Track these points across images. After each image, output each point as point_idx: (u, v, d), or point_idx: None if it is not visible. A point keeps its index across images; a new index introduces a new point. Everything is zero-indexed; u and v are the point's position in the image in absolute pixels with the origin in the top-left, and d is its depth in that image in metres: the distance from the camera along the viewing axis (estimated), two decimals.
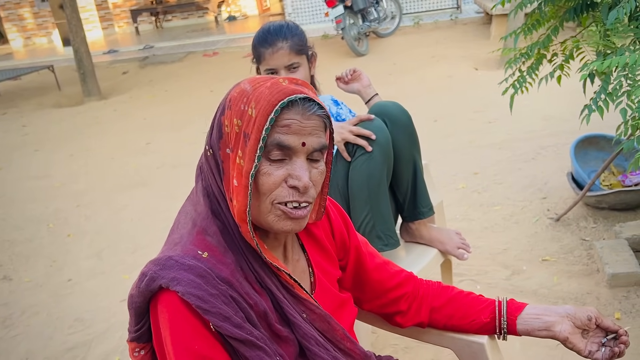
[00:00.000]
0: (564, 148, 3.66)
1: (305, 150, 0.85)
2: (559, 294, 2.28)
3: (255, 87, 0.85)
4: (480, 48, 7.15)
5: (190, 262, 0.83)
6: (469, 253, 1.82)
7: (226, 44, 10.38)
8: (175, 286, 0.81)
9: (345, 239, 1.11)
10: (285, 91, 0.83)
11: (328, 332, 0.95)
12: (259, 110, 0.82)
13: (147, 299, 0.85)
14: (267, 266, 0.91)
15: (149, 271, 0.84)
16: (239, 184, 0.84)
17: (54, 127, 6.48)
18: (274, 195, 0.86)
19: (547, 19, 2.35)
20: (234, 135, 0.85)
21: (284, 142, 0.83)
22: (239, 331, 0.81)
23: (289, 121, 0.83)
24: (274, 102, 0.82)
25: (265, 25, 1.78)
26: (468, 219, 2.99)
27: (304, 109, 0.84)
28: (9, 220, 3.88)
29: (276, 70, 1.73)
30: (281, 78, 0.87)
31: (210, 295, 0.81)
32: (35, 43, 14.55)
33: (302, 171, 0.85)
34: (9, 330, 2.60)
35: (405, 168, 1.72)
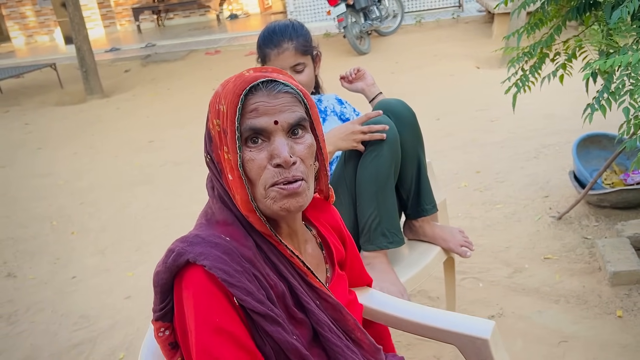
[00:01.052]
0: (566, 147, 3.67)
1: (280, 128, 0.88)
2: (560, 292, 2.30)
3: (224, 86, 0.90)
4: (482, 47, 7.16)
5: (217, 240, 0.87)
6: (472, 251, 1.83)
7: (228, 42, 10.39)
8: (203, 260, 0.84)
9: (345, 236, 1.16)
10: (247, 79, 0.88)
11: (340, 322, 0.98)
12: (227, 104, 0.87)
13: (173, 275, 0.88)
14: (282, 255, 0.94)
15: (176, 247, 0.88)
16: (234, 177, 0.89)
17: (56, 125, 6.50)
18: (263, 179, 0.88)
19: (550, 18, 2.36)
20: (217, 134, 0.90)
21: (256, 125, 0.87)
22: (261, 306, 0.84)
23: (256, 104, 0.87)
24: (238, 92, 0.86)
25: (270, 25, 1.77)
26: (470, 217, 3.00)
27: (268, 90, 0.88)
28: (13, 218, 3.90)
29: None
30: (246, 70, 0.92)
31: (236, 271, 0.84)
32: (37, 41, 14.56)
33: (280, 147, 0.87)
34: (14, 327, 2.61)
35: (410, 165, 1.73)
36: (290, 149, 0.88)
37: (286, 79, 0.91)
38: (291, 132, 0.90)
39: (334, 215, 1.15)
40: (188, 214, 3.53)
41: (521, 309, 2.23)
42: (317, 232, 1.09)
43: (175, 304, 0.89)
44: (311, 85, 1.83)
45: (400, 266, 1.76)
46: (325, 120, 1.89)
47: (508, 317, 2.20)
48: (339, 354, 0.93)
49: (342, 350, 0.94)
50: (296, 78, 1.73)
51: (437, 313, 1.20)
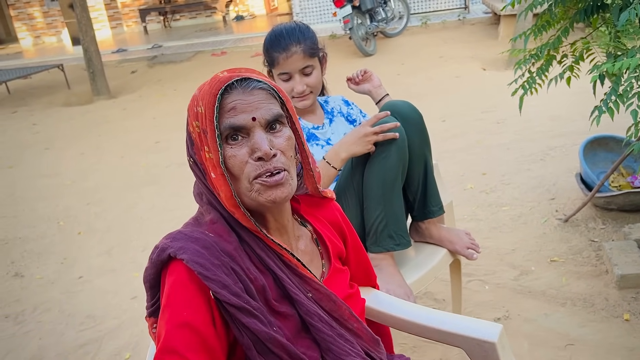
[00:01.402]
0: (573, 149, 3.66)
1: (259, 124, 0.91)
2: (567, 295, 2.29)
3: (201, 89, 0.93)
4: (488, 48, 7.14)
5: (198, 235, 0.91)
6: (478, 253, 1.83)
7: (234, 44, 10.41)
8: (182, 254, 0.87)
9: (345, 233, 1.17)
10: (222, 79, 0.91)
11: (334, 312, 0.99)
12: (205, 105, 0.90)
13: (158, 270, 0.92)
14: (269, 248, 0.96)
15: (160, 244, 0.92)
16: (216, 175, 0.91)
17: (64, 125, 6.53)
18: (246, 174, 0.91)
19: (557, 20, 2.35)
20: (197, 136, 0.93)
21: (235, 124, 0.90)
22: (235, 299, 0.86)
23: (233, 103, 0.90)
24: (214, 92, 0.90)
25: (277, 28, 1.76)
26: (476, 219, 3.00)
27: (243, 88, 0.91)
28: (20, 218, 3.92)
29: (290, 74, 1.74)
30: (221, 71, 0.94)
31: (213, 265, 0.87)
32: (45, 42, 14.64)
33: (260, 141, 0.90)
34: (21, 327, 2.63)
35: (416, 166, 1.73)
36: (269, 142, 0.91)
37: (259, 76, 0.94)
38: (269, 127, 0.93)
39: (333, 211, 1.16)
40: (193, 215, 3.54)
41: (527, 312, 2.23)
42: (313, 229, 1.11)
43: (160, 296, 0.92)
44: (319, 87, 1.83)
45: (407, 268, 1.76)
46: (332, 122, 1.90)
47: (514, 320, 2.19)
48: (330, 342, 0.94)
49: (334, 339, 0.95)
50: (305, 81, 1.74)
51: (444, 316, 1.20)
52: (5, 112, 7.57)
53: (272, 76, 1.82)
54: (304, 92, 1.75)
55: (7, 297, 2.90)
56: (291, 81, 1.74)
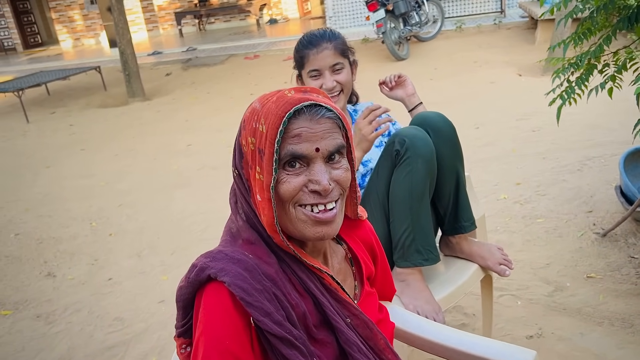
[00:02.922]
0: (612, 159, 3.53)
1: (321, 155, 0.87)
2: (604, 314, 2.19)
3: (264, 104, 0.87)
4: (525, 54, 6.99)
5: (239, 256, 0.86)
6: (511, 270, 1.76)
7: (267, 47, 10.47)
8: (223, 277, 0.83)
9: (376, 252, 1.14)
10: (291, 101, 0.85)
11: (370, 340, 0.95)
12: (268, 125, 0.84)
13: (195, 290, 0.87)
14: (309, 270, 0.92)
15: (199, 262, 0.87)
16: (262, 198, 0.87)
17: (99, 126, 6.67)
18: (295, 199, 0.88)
19: (599, 28, 2.27)
20: (250, 153, 0.87)
21: (298, 152, 0.85)
22: (278, 328, 0.82)
23: (299, 130, 0.85)
24: (281, 114, 0.84)
25: (307, 32, 1.82)
26: (509, 231, 2.91)
27: (311, 115, 0.85)
28: (55, 218, 4.00)
29: (321, 71, 1.74)
30: (287, 90, 0.88)
31: (255, 290, 0.83)
32: (84, 44, 15.03)
33: (320, 175, 0.86)
34: (52, 327, 2.67)
35: (448, 180, 1.68)
36: (328, 174, 0.87)
37: (327, 101, 0.89)
38: (329, 158, 0.88)
39: (367, 231, 1.12)
40: (224, 219, 3.53)
41: (562, 330, 2.14)
42: (348, 247, 1.07)
43: (194, 318, 0.88)
44: (349, 88, 1.81)
45: (436, 283, 1.71)
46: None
47: (547, 338, 2.11)
48: None
49: None
50: (335, 78, 1.74)
51: (475, 339, 1.15)
52: (45, 113, 7.79)
53: (302, 80, 1.81)
54: (333, 89, 1.75)
55: (39, 296, 2.96)
56: (321, 78, 1.74)
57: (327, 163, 0.88)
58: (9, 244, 3.66)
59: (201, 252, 0.92)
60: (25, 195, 4.58)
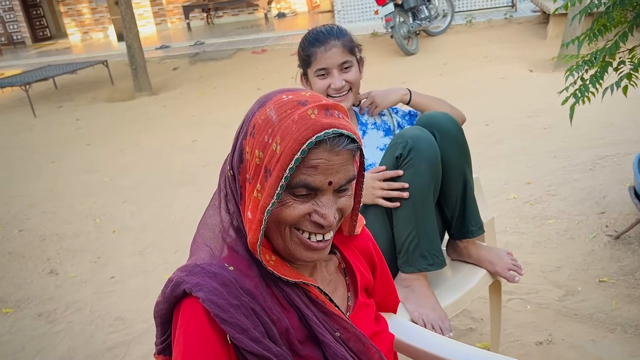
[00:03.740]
0: (625, 159, 3.45)
1: (332, 188, 0.82)
2: (617, 320, 2.12)
3: (282, 118, 0.78)
4: (536, 49, 6.88)
5: (216, 270, 0.82)
6: (521, 275, 1.70)
7: (275, 41, 10.40)
8: (198, 292, 0.79)
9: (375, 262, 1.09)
10: (314, 127, 0.77)
11: (363, 354, 0.90)
12: (284, 148, 0.76)
13: (172, 306, 0.84)
14: (294, 283, 0.88)
15: (175, 277, 0.84)
16: (253, 217, 0.81)
17: (105, 121, 6.65)
18: (292, 223, 0.83)
19: (615, 24, 2.18)
20: (254, 166, 0.81)
21: (311, 184, 0.79)
22: (255, 345, 0.79)
23: (317, 162, 0.78)
24: (301, 140, 0.76)
25: (313, 29, 1.74)
26: (519, 233, 2.84)
27: (332, 145, 0.78)
28: (59, 214, 3.98)
29: (329, 70, 1.67)
30: (309, 107, 0.79)
31: (231, 305, 0.79)
32: (92, 38, 15.03)
33: (327, 209, 0.81)
34: (52, 326, 2.64)
35: (455, 183, 1.62)
36: (334, 206, 0.83)
37: (348, 126, 0.81)
38: (338, 189, 0.84)
39: (365, 240, 1.07)
40: None
41: (572, 337, 2.08)
42: (342, 257, 1.02)
43: (172, 334, 0.84)
44: (358, 86, 1.75)
45: (442, 289, 1.65)
46: (365, 134, 1.81)
47: (558, 345, 2.05)
48: None
49: None
50: (344, 77, 1.67)
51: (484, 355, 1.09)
52: (52, 107, 7.78)
53: (307, 79, 1.75)
54: (342, 89, 1.69)
55: (41, 294, 2.93)
56: (329, 77, 1.68)
57: (335, 193, 0.84)
58: (12, 240, 3.64)
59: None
60: (30, 190, 4.56)
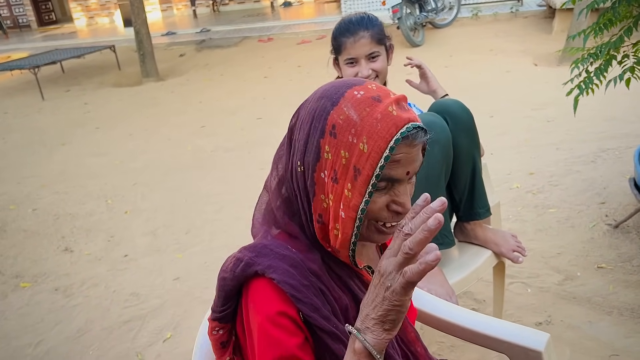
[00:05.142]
0: (627, 152, 3.53)
1: (408, 178, 0.85)
2: (614, 304, 2.22)
3: (363, 117, 0.81)
4: (541, 43, 6.94)
5: (284, 252, 0.86)
6: (524, 257, 1.79)
7: (281, 30, 10.44)
8: (272, 274, 0.83)
9: None
10: (397, 123, 0.80)
11: (401, 332, 0.97)
12: (372, 147, 0.79)
13: (240, 284, 0.88)
14: (347, 267, 0.93)
15: (244, 257, 0.87)
16: (346, 216, 0.83)
17: (113, 105, 6.72)
18: (376, 217, 0.86)
19: (620, 19, 2.26)
20: (341, 166, 0.82)
21: (393, 177, 0.83)
22: (326, 323, 0.84)
23: (399, 156, 0.81)
24: (387, 138, 0.79)
25: (346, 17, 1.81)
26: (521, 220, 2.93)
27: (412, 139, 0.81)
28: (71, 194, 4.07)
29: (356, 59, 1.76)
30: (386, 103, 0.82)
31: (303, 286, 0.83)
32: (98, 23, 15.04)
33: (405, 197, 0.85)
34: (69, 300, 2.74)
35: (464, 167, 1.71)
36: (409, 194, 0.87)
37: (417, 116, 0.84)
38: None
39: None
40: (237, 202, 3.60)
41: (571, 318, 2.17)
42: None
43: (243, 310, 0.90)
44: (385, 74, 1.84)
45: (449, 268, 1.74)
46: None
47: (556, 326, 2.15)
48: None
49: None
50: (371, 66, 1.76)
51: (489, 320, 1.18)
52: (60, 91, 7.85)
53: (338, 64, 1.83)
54: (369, 77, 1.77)
55: (57, 270, 3.03)
56: (357, 66, 1.76)
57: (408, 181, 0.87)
58: (27, 218, 3.73)
59: (215, 232, 0.93)
60: (41, 171, 4.65)
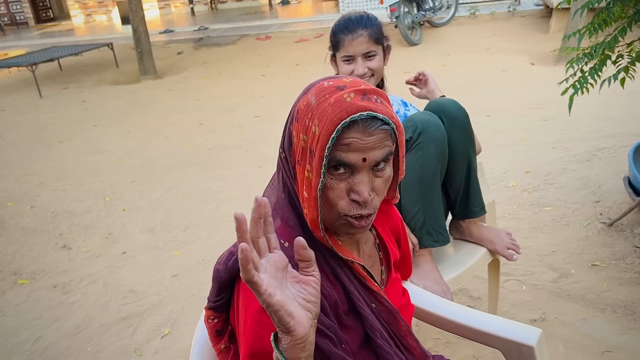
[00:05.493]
0: (621, 151, 3.56)
1: (367, 165, 0.87)
2: (607, 301, 2.25)
3: (320, 102, 0.85)
4: (538, 42, 6.96)
5: None
6: (519, 254, 1.81)
7: (279, 28, 10.45)
8: None
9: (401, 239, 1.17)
10: (348, 109, 0.83)
11: (392, 325, 1.00)
12: (321, 129, 0.83)
13: (232, 276, 0.92)
14: (340, 259, 0.95)
15: (237, 251, 0.89)
16: (309, 196, 0.88)
17: (111, 103, 6.73)
18: (338, 208, 0.89)
19: (615, 19, 2.28)
20: (301, 149, 0.88)
21: (344, 160, 0.85)
22: None
23: (349, 140, 0.84)
24: (335, 121, 0.82)
25: (346, 15, 1.83)
26: (517, 218, 2.96)
27: (364, 126, 0.84)
28: (69, 192, 4.08)
29: (353, 57, 1.78)
30: (347, 91, 0.85)
31: None
32: (96, 20, 15.01)
33: (362, 186, 0.87)
34: (68, 296, 2.75)
35: (460, 165, 1.73)
36: (370, 184, 0.89)
37: (384, 109, 0.86)
38: (375, 165, 0.88)
39: (394, 217, 1.15)
40: (235, 199, 3.61)
41: (565, 315, 2.20)
42: (377, 234, 1.10)
43: (236, 301, 0.93)
44: (381, 73, 1.85)
45: (445, 265, 1.76)
46: None
47: (550, 323, 2.17)
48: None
49: (392, 356, 0.95)
50: (367, 64, 1.78)
51: (483, 316, 1.21)
52: (57, 88, 7.85)
53: (335, 61, 1.85)
54: (364, 75, 1.79)
55: (55, 267, 3.05)
56: (353, 64, 1.78)
57: (372, 171, 0.89)
58: (24, 215, 3.74)
59: (213, 230, 0.96)
60: (39, 169, 4.66)
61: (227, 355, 1.00)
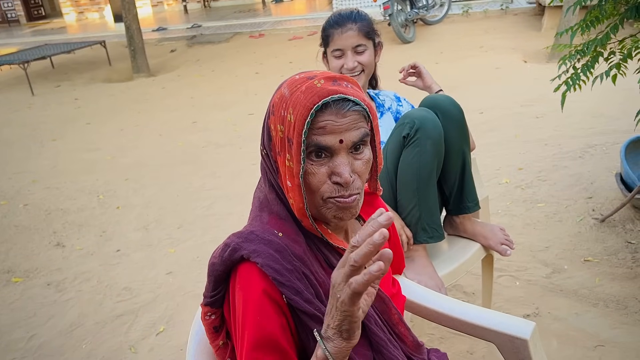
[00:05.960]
0: (613, 148, 3.58)
1: (344, 146, 0.89)
2: (599, 296, 2.27)
3: (292, 92, 0.89)
4: (531, 40, 6.99)
5: (270, 237, 0.91)
6: (512, 250, 1.82)
7: (272, 26, 10.43)
8: (256, 258, 0.88)
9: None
10: (320, 93, 0.86)
11: (384, 314, 1.01)
12: (296, 116, 0.86)
13: (228, 268, 0.93)
14: (331, 246, 0.97)
15: (232, 242, 0.92)
16: (293, 185, 0.90)
17: (104, 101, 6.70)
18: (321, 192, 0.91)
19: (607, 16, 2.30)
20: (279, 140, 0.91)
21: (321, 143, 0.88)
22: (308, 306, 0.88)
23: (324, 122, 0.87)
24: (308, 106, 0.86)
25: (336, 11, 1.85)
26: (510, 215, 2.98)
27: (337, 108, 0.87)
28: (63, 190, 4.06)
29: (343, 51, 1.79)
30: (317, 79, 0.89)
31: (286, 270, 0.88)
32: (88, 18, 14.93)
33: (342, 168, 0.89)
34: (62, 294, 2.75)
35: (454, 162, 1.74)
36: (350, 166, 0.91)
37: (355, 92, 0.90)
38: (353, 148, 0.91)
39: (381, 208, 1.16)
40: (229, 197, 3.61)
41: (558, 310, 2.22)
42: (364, 223, 1.11)
43: (230, 294, 0.94)
44: (371, 68, 1.86)
45: (439, 260, 1.77)
46: (382, 115, 1.91)
47: (544, 318, 2.19)
48: (382, 346, 0.96)
49: (385, 343, 0.97)
50: (357, 59, 1.79)
51: (477, 310, 1.22)
52: (50, 86, 7.80)
53: (326, 56, 1.86)
54: (354, 69, 1.80)
55: (49, 265, 3.03)
56: (343, 58, 1.79)
57: (351, 153, 0.91)
58: (18, 214, 3.72)
59: (207, 227, 0.97)
60: (32, 167, 4.64)
61: (225, 351, 1.01)
